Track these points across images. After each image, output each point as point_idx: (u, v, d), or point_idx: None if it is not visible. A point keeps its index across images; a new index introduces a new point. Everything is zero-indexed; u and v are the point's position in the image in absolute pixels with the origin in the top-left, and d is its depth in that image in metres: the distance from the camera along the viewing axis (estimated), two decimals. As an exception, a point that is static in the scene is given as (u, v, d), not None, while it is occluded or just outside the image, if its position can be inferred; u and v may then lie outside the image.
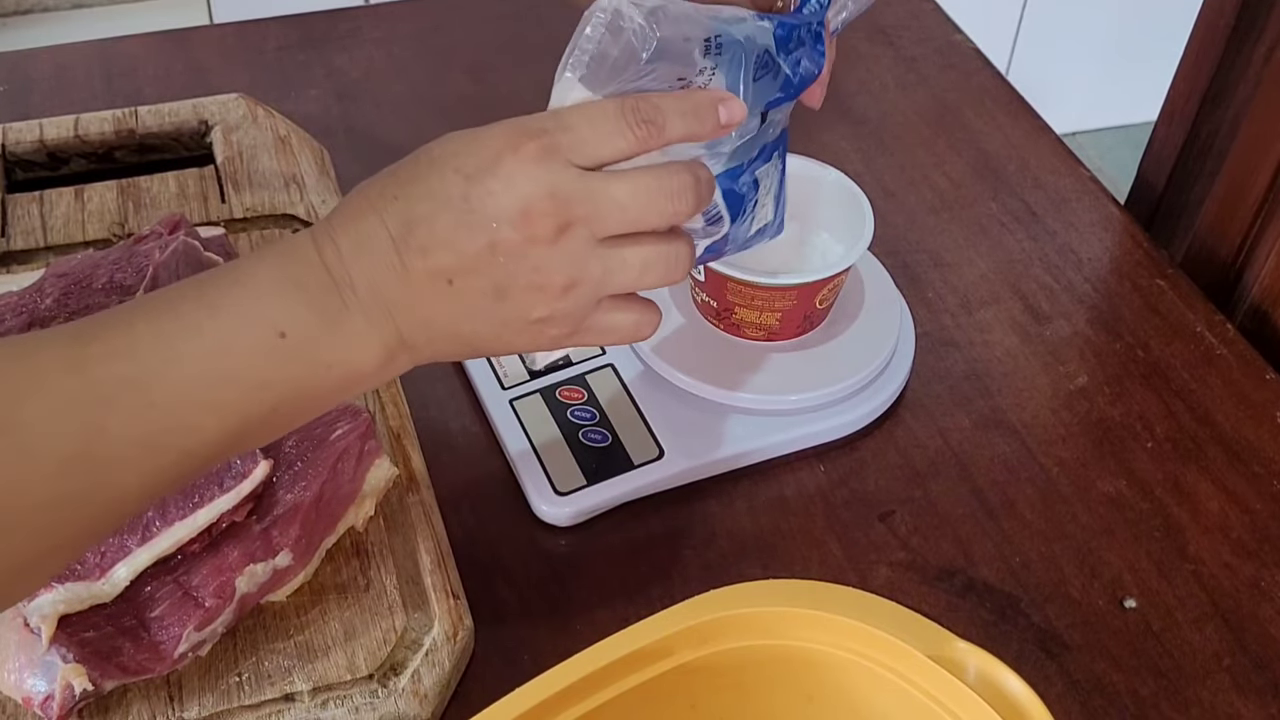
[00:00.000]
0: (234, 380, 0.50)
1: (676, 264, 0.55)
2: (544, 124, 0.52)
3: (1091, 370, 0.83)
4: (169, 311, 0.50)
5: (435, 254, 0.51)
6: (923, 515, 0.75)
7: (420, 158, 0.53)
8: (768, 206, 0.66)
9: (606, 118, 0.53)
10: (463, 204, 0.51)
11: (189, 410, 0.49)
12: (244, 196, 0.87)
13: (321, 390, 0.52)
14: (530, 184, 0.51)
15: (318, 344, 0.51)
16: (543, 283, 0.53)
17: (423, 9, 1.10)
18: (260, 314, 0.50)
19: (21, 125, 0.90)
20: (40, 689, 0.59)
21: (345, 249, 0.51)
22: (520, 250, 0.52)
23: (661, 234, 0.55)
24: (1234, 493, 0.76)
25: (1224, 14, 0.90)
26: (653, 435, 0.75)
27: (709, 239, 0.62)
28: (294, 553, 0.64)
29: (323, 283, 0.51)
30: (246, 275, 0.51)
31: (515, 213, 0.51)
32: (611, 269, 0.54)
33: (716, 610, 0.53)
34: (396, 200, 0.52)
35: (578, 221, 0.52)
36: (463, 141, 0.52)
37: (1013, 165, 0.97)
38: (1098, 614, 0.70)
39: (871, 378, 0.78)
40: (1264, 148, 0.87)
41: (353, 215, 0.52)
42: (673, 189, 0.54)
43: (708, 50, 0.56)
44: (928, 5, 1.13)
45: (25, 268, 0.82)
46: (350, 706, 0.62)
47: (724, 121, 0.56)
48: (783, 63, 0.61)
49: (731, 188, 0.61)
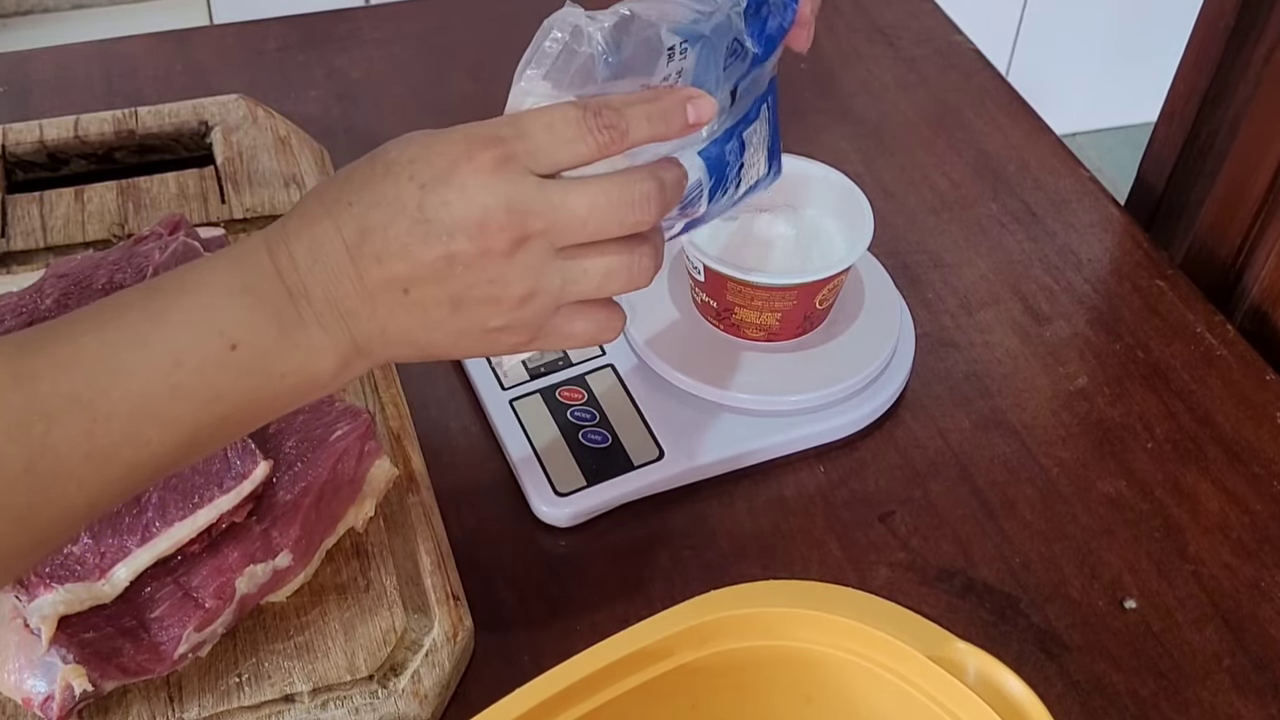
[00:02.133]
0: (184, 393, 0.48)
1: (640, 272, 0.54)
2: (501, 131, 0.51)
3: (1091, 371, 0.83)
4: (115, 321, 0.49)
5: (390, 263, 0.50)
6: (923, 516, 0.75)
7: (376, 161, 0.51)
8: (759, 162, 0.64)
9: (566, 124, 0.51)
10: (417, 213, 0.50)
11: (137, 424, 0.48)
12: (244, 197, 0.87)
13: (275, 399, 0.51)
14: (486, 195, 0.50)
15: (271, 355, 0.50)
16: (499, 294, 0.52)
17: (423, 9, 1.10)
18: (211, 325, 0.49)
19: (21, 126, 0.90)
20: (40, 689, 0.59)
21: (300, 256, 0.50)
22: (476, 262, 0.50)
23: (625, 240, 0.53)
24: (1234, 493, 0.76)
25: (1224, 14, 0.90)
26: (653, 436, 0.75)
27: (688, 218, 0.61)
28: (294, 553, 0.64)
29: (277, 292, 0.50)
30: (197, 283, 0.50)
31: (471, 225, 0.50)
32: (571, 279, 0.53)
33: (716, 611, 0.53)
34: (351, 206, 0.50)
35: (535, 235, 0.51)
36: (419, 146, 0.51)
37: (1013, 166, 0.97)
38: (1098, 614, 0.70)
39: (871, 378, 0.78)
40: (1264, 148, 0.87)
41: (307, 221, 0.51)
42: (635, 198, 0.52)
43: (672, 57, 0.55)
44: (928, 6, 1.13)
45: (25, 268, 0.82)
46: (350, 707, 0.62)
47: (693, 121, 0.54)
48: (749, 41, 0.59)
49: (718, 154, 0.60)
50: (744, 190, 0.65)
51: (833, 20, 1.10)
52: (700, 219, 0.62)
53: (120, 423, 0.48)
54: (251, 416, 0.52)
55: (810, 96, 1.02)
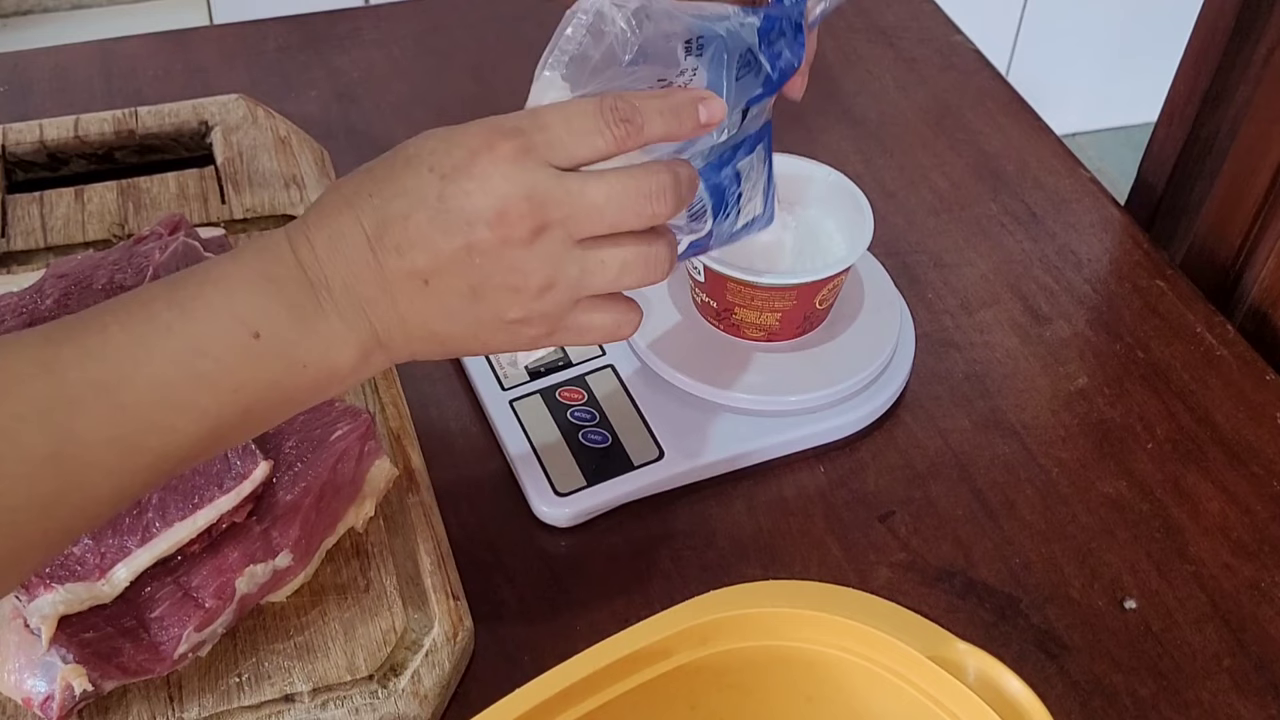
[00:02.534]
0: (207, 381, 0.49)
1: (656, 265, 0.55)
2: (520, 123, 0.52)
3: (1091, 371, 0.83)
4: (141, 312, 0.49)
5: (410, 254, 0.51)
6: (923, 516, 0.75)
7: (397, 155, 0.52)
8: (756, 199, 0.65)
9: (584, 117, 0.52)
10: (438, 203, 0.51)
11: (161, 412, 0.49)
12: (244, 197, 0.87)
13: (297, 390, 0.52)
14: (506, 185, 0.51)
15: (293, 344, 0.50)
16: (519, 284, 0.52)
17: (423, 10, 1.10)
18: (234, 314, 0.50)
19: (21, 126, 0.90)
20: (40, 689, 0.59)
21: (320, 248, 0.51)
22: (495, 251, 0.51)
23: (641, 234, 0.54)
24: (1234, 494, 0.76)
25: (1224, 14, 0.90)
26: (653, 436, 0.75)
27: (693, 235, 0.61)
28: (294, 553, 0.64)
29: (298, 282, 0.51)
30: (220, 275, 0.51)
31: (491, 214, 0.51)
32: (589, 270, 0.53)
33: (716, 611, 0.53)
34: (372, 198, 0.51)
35: (554, 224, 0.52)
36: (439, 139, 0.52)
37: (1013, 166, 0.97)
38: (1098, 615, 0.70)
39: (871, 378, 0.78)
40: (1264, 148, 0.87)
41: (329, 213, 0.52)
42: (651, 190, 0.53)
43: (689, 50, 0.56)
44: (928, 6, 1.13)
45: (25, 268, 0.82)
46: (350, 707, 0.62)
47: (704, 120, 0.55)
48: (764, 59, 0.60)
49: (716, 182, 0.61)
50: (742, 223, 0.65)
51: (833, 21, 1.09)
52: (704, 243, 0.63)
53: (145, 410, 0.48)
54: (274, 409, 0.52)
55: (811, 97, 1.01)
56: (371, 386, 0.76)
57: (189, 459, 0.51)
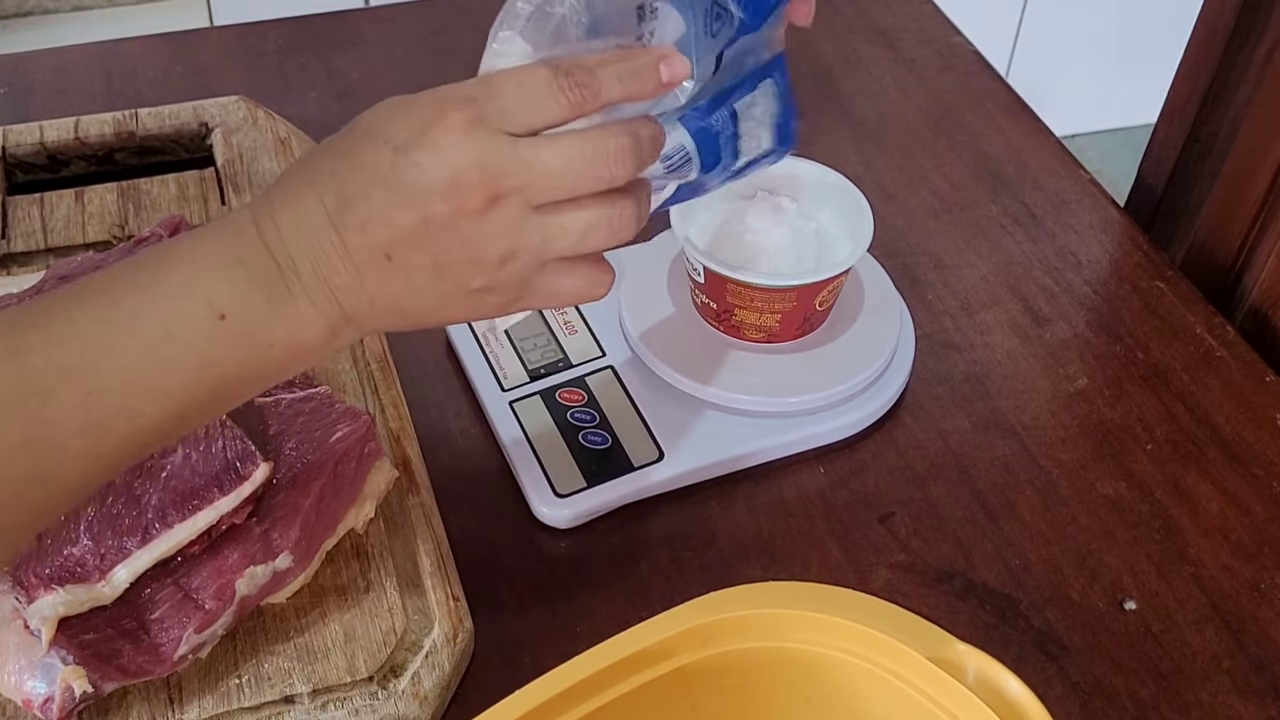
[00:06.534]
0: (175, 364, 0.49)
1: (621, 226, 0.53)
2: (472, 91, 0.51)
3: (1091, 372, 0.83)
4: (105, 296, 0.49)
5: (371, 229, 0.51)
6: (922, 517, 0.75)
7: (356, 128, 0.52)
8: (762, 135, 0.64)
9: (537, 84, 0.51)
10: (392, 176, 0.50)
11: (129, 396, 0.49)
12: (244, 198, 0.87)
13: (264, 368, 0.52)
14: (458, 155, 0.50)
15: (260, 325, 0.50)
16: (479, 255, 0.52)
17: (423, 10, 1.10)
18: (200, 297, 0.49)
19: (22, 127, 0.90)
20: (40, 691, 0.59)
21: (285, 228, 0.51)
22: (452, 223, 0.51)
23: (605, 194, 0.53)
24: (1234, 495, 0.76)
25: (1224, 15, 0.90)
26: (653, 437, 0.75)
27: (681, 180, 0.60)
28: (294, 555, 0.64)
29: (265, 265, 0.51)
30: (186, 257, 0.50)
31: (444, 184, 0.50)
32: (550, 236, 0.52)
33: (717, 612, 0.53)
34: (333, 175, 0.51)
35: (509, 192, 0.51)
36: (394, 110, 0.52)
37: (1012, 167, 0.97)
38: (1098, 616, 0.70)
39: (871, 380, 0.78)
40: (1264, 149, 0.87)
41: (292, 192, 0.51)
42: (610, 152, 0.52)
43: (642, 16, 0.54)
44: (927, 7, 1.13)
45: (25, 270, 0.82)
46: (350, 709, 0.62)
47: (667, 80, 0.53)
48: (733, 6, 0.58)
49: (703, 125, 0.59)
50: (744, 162, 0.64)
51: (832, 22, 1.10)
52: (698, 186, 0.62)
53: (114, 396, 0.48)
54: (241, 387, 0.52)
55: (810, 98, 1.02)
56: (371, 387, 0.76)
57: (157, 440, 0.51)
